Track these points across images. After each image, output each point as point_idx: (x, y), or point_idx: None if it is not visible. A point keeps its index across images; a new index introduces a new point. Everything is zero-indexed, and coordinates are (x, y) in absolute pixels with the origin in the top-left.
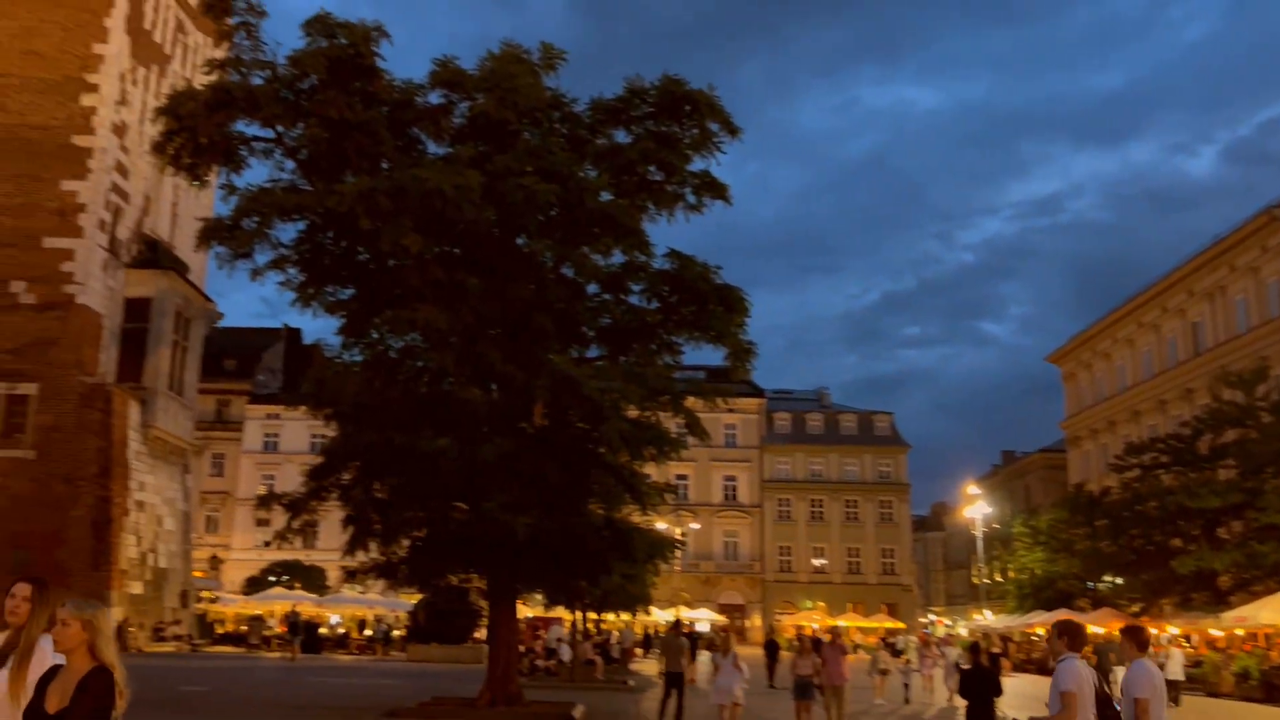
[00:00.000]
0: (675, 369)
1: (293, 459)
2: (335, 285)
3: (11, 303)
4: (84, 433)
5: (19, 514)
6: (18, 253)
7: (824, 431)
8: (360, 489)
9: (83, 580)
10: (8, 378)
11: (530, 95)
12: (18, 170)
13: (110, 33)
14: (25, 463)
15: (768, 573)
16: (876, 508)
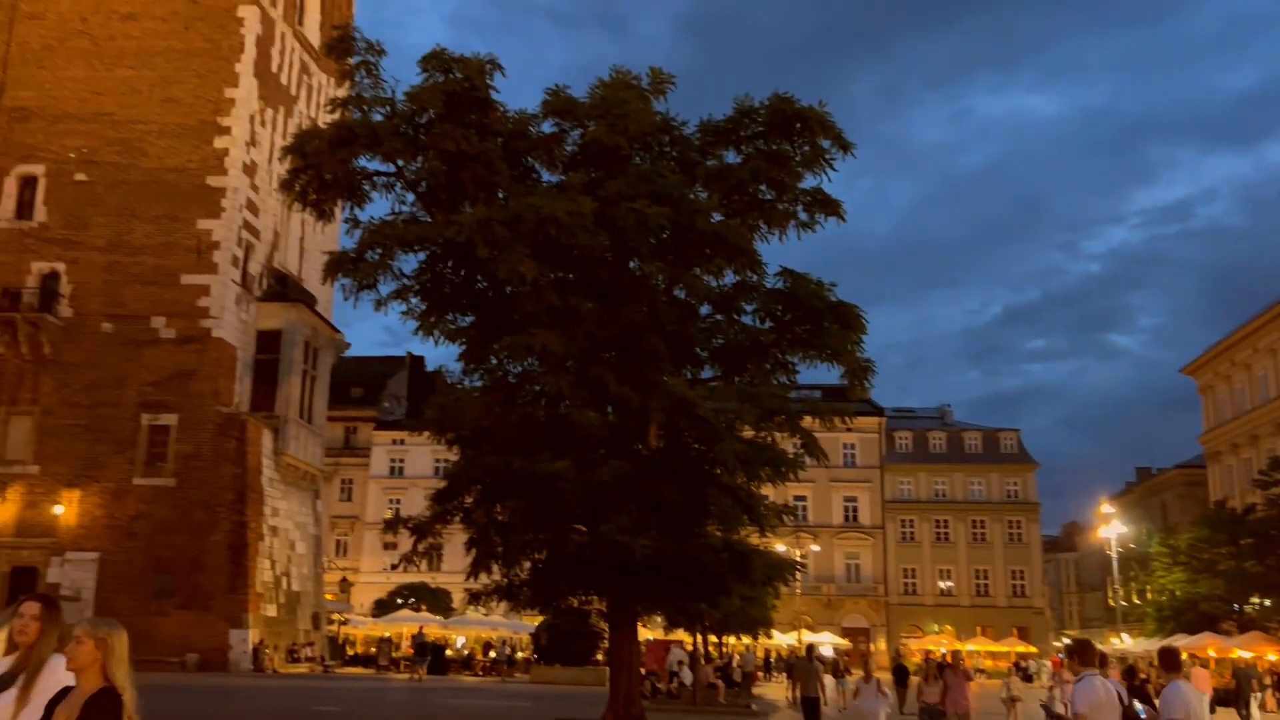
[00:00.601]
0: (791, 388)
1: (418, 483)
2: (455, 313)
3: (153, 337)
4: (221, 460)
5: (161, 539)
6: (158, 290)
7: (947, 450)
8: (482, 512)
9: (221, 603)
10: (150, 409)
11: (640, 120)
12: (158, 211)
13: (240, 77)
14: (167, 490)
15: (891, 595)
16: (1004, 528)
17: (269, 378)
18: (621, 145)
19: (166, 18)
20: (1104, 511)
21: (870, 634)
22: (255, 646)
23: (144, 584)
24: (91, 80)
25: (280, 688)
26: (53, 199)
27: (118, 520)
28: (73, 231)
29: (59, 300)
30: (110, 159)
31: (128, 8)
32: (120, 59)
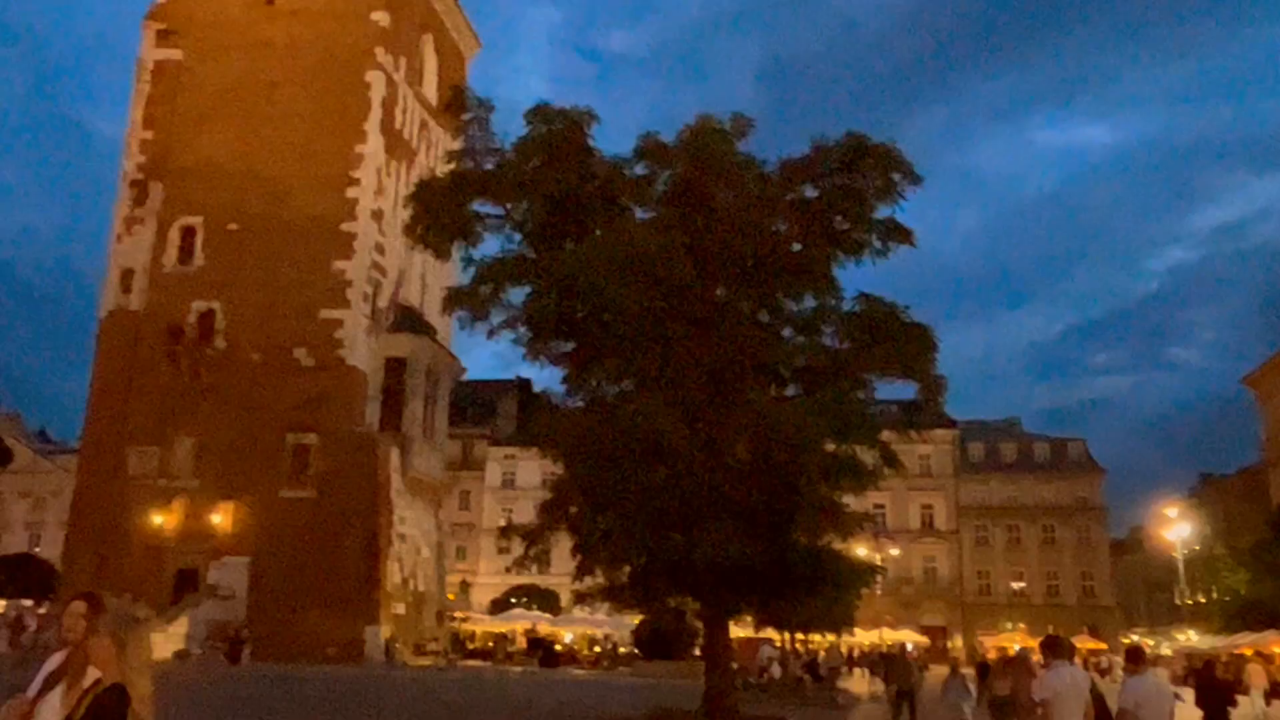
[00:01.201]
0: (869, 404)
1: (528, 493)
2: (558, 340)
3: (295, 367)
4: (355, 475)
5: (303, 546)
6: (299, 324)
7: (1017, 459)
8: (586, 520)
9: (356, 602)
10: (294, 430)
11: (724, 160)
12: (299, 255)
13: (368, 135)
14: (308, 501)
15: (967, 595)
16: (1074, 532)
17: (396, 400)
18: (707, 183)
19: (304, 84)
20: (1168, 515)
21: (947, 632)
22: (387, 641)
23: (289, 585)
24: (241, 141)
25: (409, 679)
26: (209, 246)
27: (266, 528)
28: (226, 274)
29: (215, 334)
30: (258, 209)
31: (271, 77)
32: (265, 122)
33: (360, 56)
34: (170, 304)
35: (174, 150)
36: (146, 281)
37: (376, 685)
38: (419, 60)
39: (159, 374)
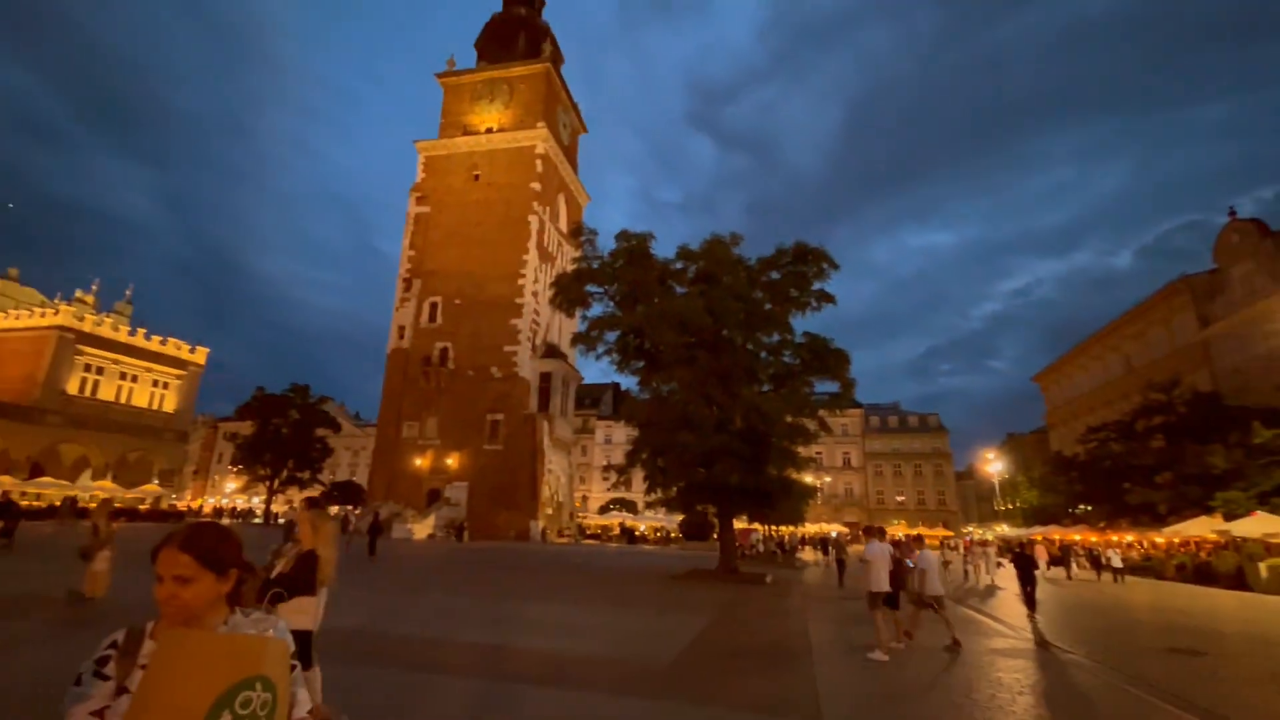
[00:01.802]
0: (811, 395)
1: (619, 447)
2: (635, 361)
3: (491, 378)
4: (523, 437)
5: (495, 476)
6: (493, 354)
7: (899, 426)
8: (650, 462)
9: (525, 507)
10: (490, 412)
11: (726, 259)
12: (492, 316)
13: (529, 250)
14: (498, 452)
15: (871, 504)
16: (933, 468)
17: (545, 395)
18: (716, 272)
19: (494, 224)
20: (988, 457)
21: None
22: (542, 529)
23: (488, 498)
24: (461, 255)
25: (554, 550)
26: (444, 312)
27: (476, 466)
28: (453, 327)
29: (448, 360)
30: (469, 292)
31: (476, 219)
32: (473, 244)
33: (524, 207)
34: (424, 344)
35: (426, 261)
36: (411, 332)
37: (536, 551)
38: (556, 208)
39: (418, 382)
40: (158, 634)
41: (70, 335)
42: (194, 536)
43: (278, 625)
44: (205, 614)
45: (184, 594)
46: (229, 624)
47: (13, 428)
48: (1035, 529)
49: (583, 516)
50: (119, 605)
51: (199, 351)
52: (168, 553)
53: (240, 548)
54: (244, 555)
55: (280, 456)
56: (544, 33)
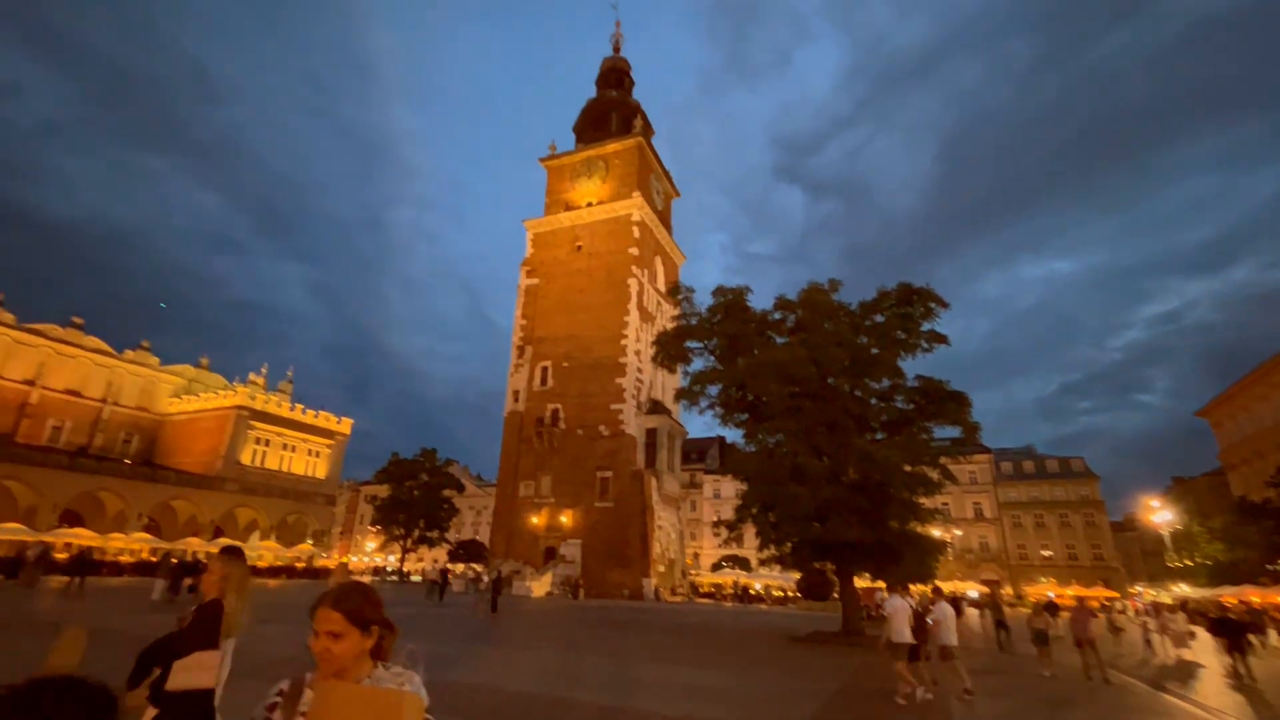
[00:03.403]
0: (930, 441)
1: (727, 501)
2: (739, 414)
3: (600, 435)
4: (632, 494)
5: (609, 534)
6: (600, 413)
7: (1035, 471)
8: (761, 517)
9: (636, 565)
10: (600, 469)
11: (825, 306)
12: (598, 376)
13: (630, 311)
14: (610, 509)
15: (1011, 560)
16: (1082, 517)
17: (652, 451)
18: (816, 321)
19: (596, 289)
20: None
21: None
22: (655, 587)
23: (601, 555)
24: (567, 321)
25: (668, 607)
26: (554, 375)
27: (588, 523)
28: (563, 389)
29: (559, 421)
30: (576, 355)
31: (580, 286)
32: (578, 310)
33: (624, 272)
34: (537, 407)
35: (536, 328)
36: (525, 395)
37: (651, 610)
38: (654, 270)
39: (533, 443)
40: (314, 684)
41: (245, 413)
42: (344, 596)
43: (414, 680)
44: (352, 667)
45: (335, 648)
46: (372, 677)
47: (201, 495)
48: (1224, 589)
49: (695, 574)
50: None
51: (345, 422)
52: (322, 610)
53: (381, 607)
54: (384, 614)
55: (412, 517)
56: (634, 110)
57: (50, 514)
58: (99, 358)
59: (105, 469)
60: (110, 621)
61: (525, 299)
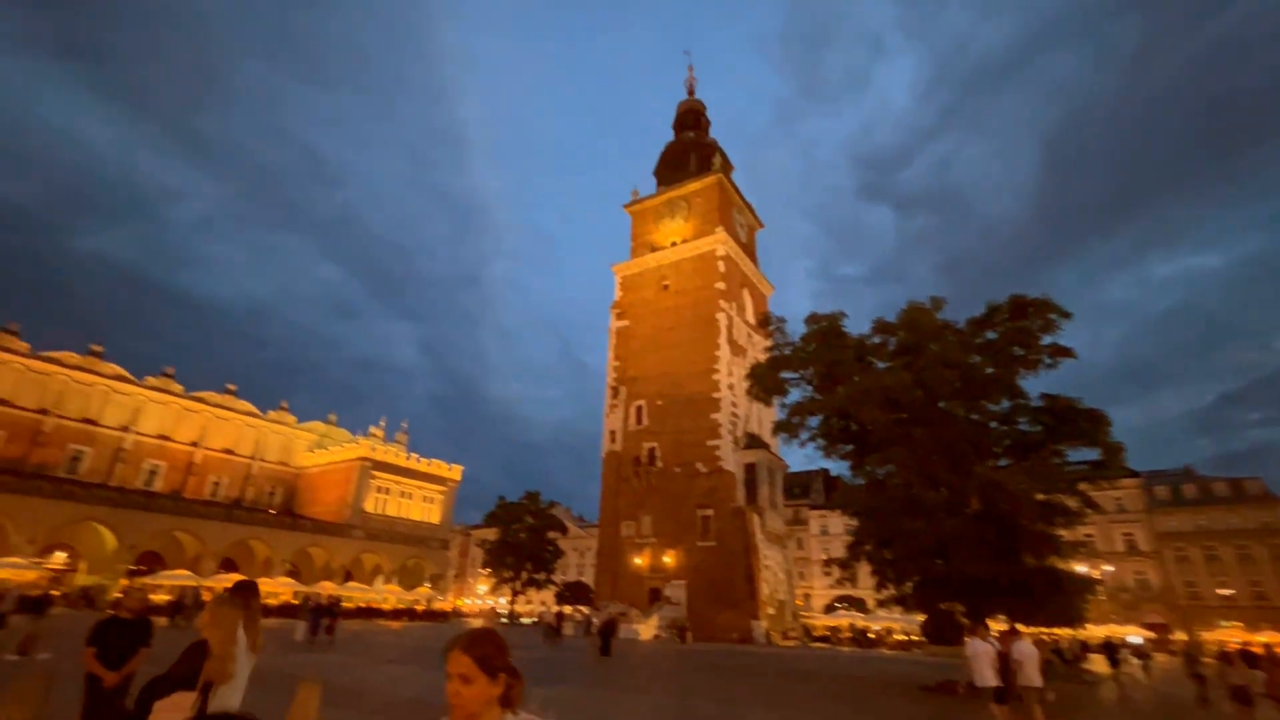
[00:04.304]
0: (1064, 466)
1: (837, 538)
2: (842, 445)
3: (697, 473)
4: (735, 531)
5: (712, 574)
6: (697, 450)
7: (1199, 495)
8: (875, 555)
9: (744, 607)
10: (700, 507)
11: (929, 326)
12: (693, 413)
13: (720, 346)
14: (712, 549)
15: (1181, 600)
16: (1268, 549)
17: (752, 487)
18: (920, 341)
19: (685, 326)
20: None
21: (1169, 628)
22: (765, 630)
23: (707, 597)
24: (658, 360)
25: (780, 652)
26: (649, 414)
27: (691, 563)
28: (658, 427)
29: (656, 459)
30: (670, 392)
31: (668, 325)
32: (668, 348)
33: (711, 307)
34: (633, 446)
35: (628, 368)
36: (621, 435)
37: (762, 654)
38: (742, 302)
39: (631, 482)
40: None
41: (368, 463)
42: (474, 641)
43: None
44: (483, 713)
45: (465, 693)
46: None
47: (333, 542)
48: None
49: (807, 616)
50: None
51: (455, 469)
52: (454, 654)
53: (508, 654)
54: (510, 660)
55: (520, 559)
56: (712, 148)
57: (212, 561)
58: (248, 419)
59: (254, 519)
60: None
61: (617, 340)
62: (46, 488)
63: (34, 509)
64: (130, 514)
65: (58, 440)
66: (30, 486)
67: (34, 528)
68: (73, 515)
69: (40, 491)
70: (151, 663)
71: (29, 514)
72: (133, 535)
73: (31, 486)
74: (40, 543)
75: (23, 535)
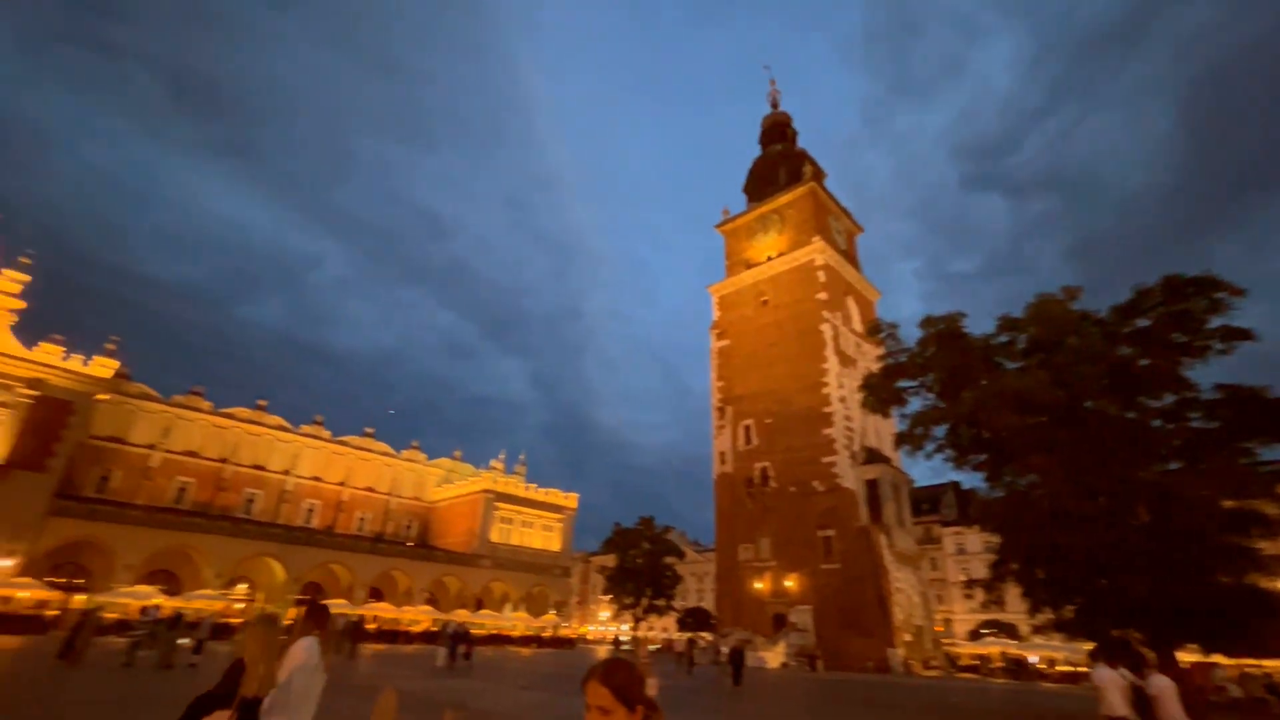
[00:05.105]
0: (1257, 465)
1: (975, 558)
2: (973, 455)
3: (814, 492)
4: (860, 553)
5: (838, 598)
6: (811, 468)
7: None
8: (1024, 575)
9: (877, 633)
10: (820, 528)
11: (1064, 318)
12: (803, 430)
13: (827, 358)
14: (837, 571)
15: None
16: None
17: (875, 505)
18: (1054, 336)
19: (787, 341)
20: None
21: None
22: (903, 659)
23: (835, 622)
24: (762, 377)
25: (922, 684)
26: (758, 433)
27: (815, 587)
28: (769, 446)
29: (769, 480)
30: (777, 410)
31: (770, 341)
32: (772, 364)
33: (814, 319)
34: (744, 467)
35: (733, 388)
36: (732, 456)
37: (905, 686)
38: (847, 311)
39: (745, 505)
40: None
41: (491, 495)
42: (610, 672)
43: None
44: None
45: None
46: None
47: (464, 571)
48: None
49: (949, 643)
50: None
51: (571, 497)
52: (593, 685)
53: (643, 684)
54: (646, 691)
55: (639, 585)
56: (801, 159)
57: (362, 590)
58: (385, 458)
59: (395, 551)
60: (409, 684)
61: (719, 360)
62: (229, 527)
63: (220, 546)
64: (295, 549)
65: (235, 485)
66: (216, 526)
67: (220, 563)
68: (250, 551)
69: (224, 530)
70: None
71: (216, 551)
72: (297, 568)
73: (217, 526)
74: (225, 576)
75: (212, 570)
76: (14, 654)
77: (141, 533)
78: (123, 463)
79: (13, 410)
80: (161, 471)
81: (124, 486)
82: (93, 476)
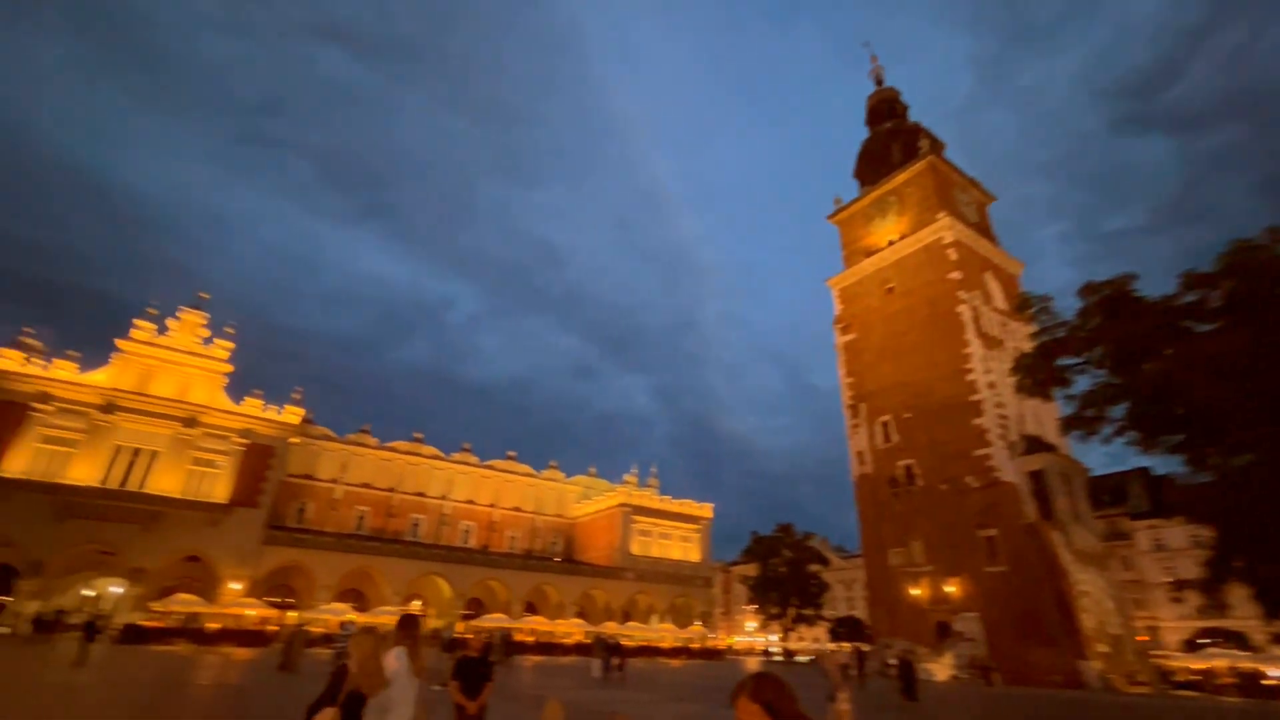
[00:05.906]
0: None
1: (1179, 555)
2: (1166, 436)
3: (968, 488)
4: (1030, 553)
5: (1009, 604)
6: (962, 462)
7: None
8: (1253, 572)
9: (1062, 643)
10: (980, 527)
11: (1273, 265)
12: (949, 422)
13: (969, 341)
14: (1004, 574)
15: None
16: None
17: (1044, 499)
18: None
19: (920, 328)
20: None
21: None
22: (1100, 672)
23: (1010, 631)
24: (895, 368)
25: (1127, 702)
26: (897, 429)
27: (981, 592)
28: (910, 441)
29: (915, 478)
30: (916, 403)
31: (900, 330)
32: (904, 353)
33: (949, 300)
34: (886, 466)
35: (865, 383)
36: (870, 456)
37: (1106, 705)
38: (986, 288)
39: (891, 505)
40: None
41: (628, 509)
42: (760, 687)
43: None
44: None
45: None
46: None
47: (608, 584)
48: None
49: (1157, 655)
50: None
51: (705, 507)
52: (743, 701)
53: (796, 701)
54: (799, 708)
55: (784, 594)
56: (915, 133)
57: (518, 605)
58: (528, 479)
59: (544, 567)
60: (568, 695)
61: (846, 355)
62: (401, 549)
63: (395, 567)
64: (457, 568)
65: (402, 511)
66: (390, 549)
67: (396, 582)
68: (420, 570)
69: (397, 553)
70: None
71: (393, 571)
72: (461, 584)
73: (390, 549)
74: (402, 593)
75: (390, 588)
76: (246, 665)
77: (334, 557)
78: (313, 496)
79: (231, 457)
80: (344, 502)
81: (316, 517)
82: (292, 509)
